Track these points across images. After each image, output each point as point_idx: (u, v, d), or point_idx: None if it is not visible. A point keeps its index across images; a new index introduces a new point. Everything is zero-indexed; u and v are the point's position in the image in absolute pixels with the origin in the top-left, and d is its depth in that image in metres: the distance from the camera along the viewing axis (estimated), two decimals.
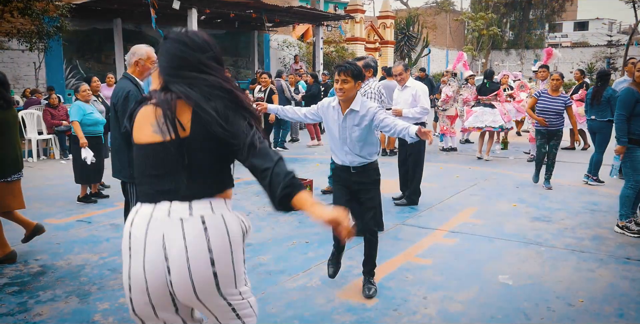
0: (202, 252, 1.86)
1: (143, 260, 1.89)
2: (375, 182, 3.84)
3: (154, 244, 1.87)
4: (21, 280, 4.08)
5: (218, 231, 1.89)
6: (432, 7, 38.25)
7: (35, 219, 5.75)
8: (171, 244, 1.85)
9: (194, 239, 1.85)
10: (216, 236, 1.89)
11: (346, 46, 21.74)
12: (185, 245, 1.84)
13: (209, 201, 1.92)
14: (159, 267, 1.87)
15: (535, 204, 6.43)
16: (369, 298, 3.70)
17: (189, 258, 1.84)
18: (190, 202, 1.88)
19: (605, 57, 34.55)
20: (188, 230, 1.85)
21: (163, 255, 1.86)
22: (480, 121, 9.53)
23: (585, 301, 3.68)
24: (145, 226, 1.89)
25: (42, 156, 10.25)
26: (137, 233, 1.91)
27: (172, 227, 1.86)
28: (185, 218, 1.86)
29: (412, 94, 6.39)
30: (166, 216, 1.87)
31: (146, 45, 4.07)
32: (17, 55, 13.21)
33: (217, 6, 14.14)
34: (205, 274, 1.87)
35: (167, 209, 1.88)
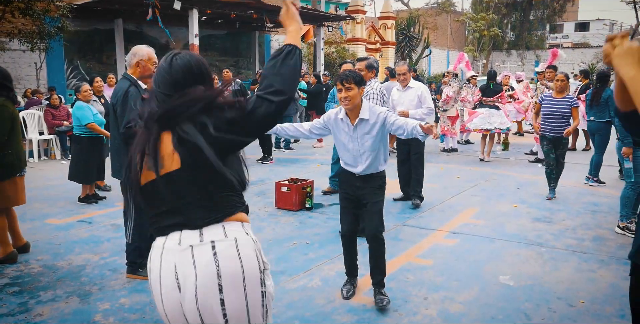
0: (211, 278, 1.75)
1: (160, 293, 1.82)
2: (380, 187, 3.75)
3: (167, 276, 1.80)
4: (22, 280, 4.08)
5: (228, 255, 1.78)
6: (433, 8, 38.24)
7: (36, 219, 5.77)
8: (183, 274, 1.77)
9: (204, 266, 1.76)
10: (225, 260, 1.77)
11: (347, 47, 21.74)
12: (195, 273, 1.76)
13: (222, 225, 1.82)
14: (174, 298, 1.79)
15: (536, 205, 6.42)
16: (381, 310, 3.55)
17: (197, 285, 1.75)
18: (200, 230, 1.81)
19: None
20: (198, 257, 1.77)
21: (176, 286, 1.78)
22: (489, 123, 9.50)
23: (586, 302, 3.68)
24: (159, 258, 1.83)
25: (43, 157, 10.25)
26: (152, 266, 1.86)
27: (183, 256, 1.78)
28: (195, 245, 1.78)
29: (418, 95, 6.39)
30: (177, 245, 1.80)
31: (147, 46, 4.08)
32: (18, 55, 13.22)
33: (218, 7, 14.14)
34: (211, 302, 1.75)
35: (177, 239, 1.81)
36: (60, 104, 10.34)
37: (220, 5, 14.15)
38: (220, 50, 18.49)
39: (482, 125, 9.54)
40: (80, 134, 6.51)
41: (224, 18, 16.19)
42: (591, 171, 7.59)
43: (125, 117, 3.77)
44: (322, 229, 5.46)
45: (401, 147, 6.63)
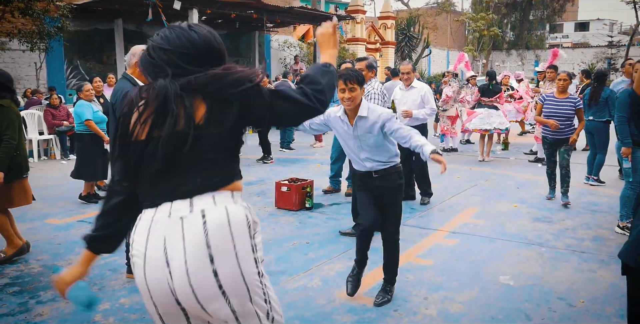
0: (200, 248, 1.66)
1: (143, 268, 1.72)
2: (399, 187, 3.69)
3: (155, 249, 1.70)
4: (22, 280, 4.08)
5: (218, 224, 1.69)
6: (433, 8, 38.24)
7: (36, 219, 5.77)
8: (172, 247, 1.68)
9: (193, 237, 1.67)
10: (215, 229, 1.68)
11: (347, 47, 21.74)
12: (184, 246, 1.67)
13: (212, 195, 1.73)
14: (160, 274, 1.69)
15: (536, 205, 6.42)
16: (376, 305, 3.59)
17: (187, 258, 1.66)
18: (191, 199, 1.71)
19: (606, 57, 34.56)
20: (187, 228, 1.68)
21: (165, 260, 1.68)
22: (488, 123, 9.48)
23: (586, 302, 3.68)
24: (146, 230, 1.72)
25: (43, 156, 10.26)
26: (137, 239, 1.75)
27: (172, 228, 1.69)
28: (185, 216, 1.69)
29: (421, 95, 6.40)
30: (167, 217, 1.70)
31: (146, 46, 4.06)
32: (18, 55, 13.23)
33: (218, 7, 14.14)
34: (204, 274, 1.66)
35: (167, 210, 1.71)
36: (60, 104, 10.35)
37: (220, 5, 14.15)
38: None
39: (481, 125, 9.52)
40: (82, 131, 6.52)
41: (223, 18, 16.19)
42: (590, 171, 7.58)
43: None
44: (322, 229, 5.46)
45: (403, 149, 6.60)
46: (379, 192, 3.65)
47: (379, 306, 3.59)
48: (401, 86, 6.63)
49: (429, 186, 6.60)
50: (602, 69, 7.84)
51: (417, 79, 6.79)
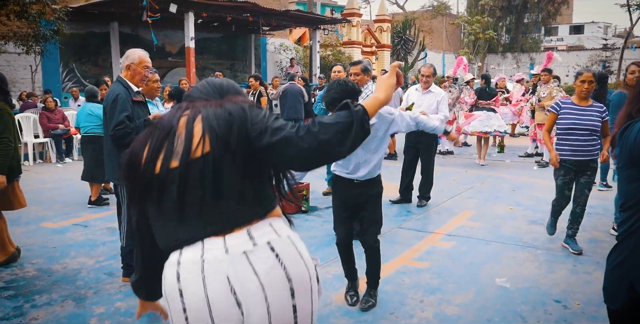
0: (282, 283, 1.52)
1: (211, 318, 1.49)
2: (379, 195, 3.68)
3: (220, 294, 1.48)
4: (17, 284, 4.06)
5: (291, 256, 1.57)
6: (429, 11, 38.33)
7: (31, 223, 5.75)
8: (242, 285, 1.49)
9: (270, 271, 1.51)
10: (291, 261, 1.56)
11: (343, 50, 21.77)
12: (261, 282, 1.49)
13: (268, 222, 1.59)
14: (234, 319, 1.50)
15: (531, 207, 6.44)
16: (362, 310, 3.57)
17: (267, 295, 1.50)
18: (247, 230, 1.54)
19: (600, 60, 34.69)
20: (258, 263, 1.50)
21: (235, 302, 1.49)
22: (488, 126, 9.49)
23: (581, 304, 3.69)
24: (199, 274, 1.48)
25: (38, 160, 10.23)
26: (191, 288, 1.49)
27: (237, 265, 1.49)
28: (250, 250, 1.51)
29: (437, 100, 6.41)
30: (223, 254, 1.50)
31: (141, 49, 4.08)
32: (14, 58, 13.20)
33: (214, 10, 14.14)
34: (284, 310, 1.53)
35: (222, 247, 1.51)
36: (56, 107, 10.33)
37: (216, 8, 14.16)
38: (216, 53, 18.49)
39: (481, 128, 9.52)
40: (95, 133, 6.48)
41: (219, 21, 16.20)
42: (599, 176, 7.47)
43: (115, 119, 3.79)
44: (318, 231, 5.45)
45: (409, 151, 6.63)
46: (360, 200, 3.58)
47: (365, 310, 3.57)
48: (418, 87, 6.62)
49: (429, 190, 6.61)
50: (602, 71, 7.74)
51: (412, 82, 6.82)
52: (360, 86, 5.21)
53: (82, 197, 7.02)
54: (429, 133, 6.41)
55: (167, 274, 1.56)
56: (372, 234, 3.63)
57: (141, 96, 4.12)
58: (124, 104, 3.84)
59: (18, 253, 4.63)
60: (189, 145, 1.54)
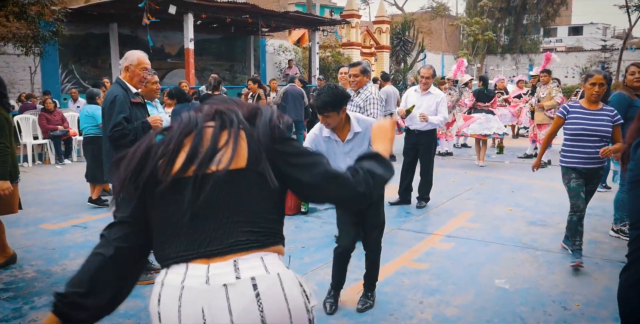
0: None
1: None
2: (381, 198, 3.63)
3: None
4: (16, 286, 4.06)
5: (273, 297, 1.40)
6: (428, 12, 38.35)
7: (30, 224, 5.75)
8: (213, 321, 1.35)
9: (243, 312, 1.35)
10: (271, 304, 1.38)
11: (342, 51, 21.79)
12: (232, 320, 1.34)
13: (260, 256, 1.44)
14: None
15: (531, 208, 6.44)
16: (359, 311, 3.58)
17: None
18: (235, 260, 1.40)
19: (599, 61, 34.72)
20: (235, 300, 1.36)
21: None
22: (487, 128, 9.50)
23: (581, 305, 3.69)
24: (176, 301, 1.37)
25: (38, 161, 10.22)
26: (166, 313, 1.39)
27: (213, 297, 1.36)
28: (230, 283, 1.37)
29: (437, 102, 6.42)
30: (204, 283, 1.37)
31: (140, 51, 4.09)
32: (13, 59, 13.20)
33: (213, 11, 14.16)
34: None
35: (204, 274, 1.38)
36: (55, 108, 10.33)
37: (216, 10, 14.17)
38: (215, 54, 18.50)
39: (480, 130, 9.52)
40: (97, 134, 6.49)
41: (219, 22, 16.21)
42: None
43: (112, 120, 3.81)
44: (317, 233, 5.45)
45: (408, 152, 6.63)
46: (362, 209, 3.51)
47: (362, 312, 3.58)
48: (417, 89, 6.63)
49: (428, 191, 6.62)
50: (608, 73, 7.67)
51: (411, 83, 6.84)
52: (360, 87, 5.23)
53: (82, 198, 7.01)
54: (429, 134, 6.47)
55: (152, 294, 1.46)
56: (377, 238, 3.64)
57: (140, 98, 4.13)
58: (121, 105, 3.85)
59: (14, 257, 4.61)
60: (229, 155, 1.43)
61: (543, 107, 9.31)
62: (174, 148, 1.46)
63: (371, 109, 5.11)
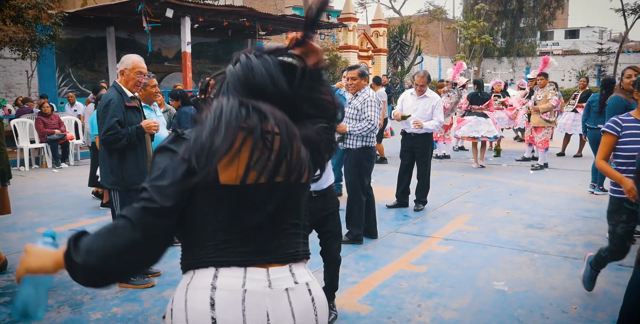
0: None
1: None
2: (337, 206, 3.62)
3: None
4: (13, 290, 4.04)
5: (322, 302, 1.50)
6: (425, 16, 38.49)
7: (27, 228, 5.73)
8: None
9: (305, 314, 1.44)
10: (321, 308, 1.49)
11: (339, 54, 21.83)
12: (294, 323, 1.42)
13: (303, 265, 1.52)
14: None
15: (528, 211, 6.44)
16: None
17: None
18: (290, 266, 1.46)
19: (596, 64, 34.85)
20: (296, 304, 1.43)
21: None
22: (476, 131, 9.53)
23: (578, 308, 3.69)
24: (241, 306, 1.36)
25: (34, 165, 10.20)
26: (227, 318, 1.36)
27: (277, 302, 1.40)
28: (291, 288, 1.43)
29: (432, 105, 6.45)
30: (267, 287, 1.39)
31: (136, 55, 4.11)
32: (10, 63, 13.19)
33: (210, 14, 14.17)
34: None
35: (265, 279, 1.40)
36: (52, 112, 10.31)
37: (213, 13, 14.18)
38: (212, 58, 18.51)
39: (469, 133, 9.58)
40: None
41: (216, 26, 16.21)
42: (595, 179, 7.46)
43: (105, 124, 3.83)
44: (312, 236, 5.43)
45: (405, 155, 6.63)
46: (321, 215, 3.49)
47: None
48: (413, 92, 6.64)
49: (425, 194, 6.62)
50: (610, 76, 7.63)
51: (408, 87, 6.86)
52: (358, 90, 5.24)
53: (79, 202, 7.00)
54: (425, 137, 6.47)
55: (194, 299, 1.38)
56: (335, 247, 3.61)
57: (136, 101, 4.13)
58: (115, 109, 3.87)
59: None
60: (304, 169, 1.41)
61: (539, 110, 9.34)
62: (272, 154, 1.36)
63: (368, 111, 5.12)
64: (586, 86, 10.94)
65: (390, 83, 20.34)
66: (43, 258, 1.43)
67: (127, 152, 3.95)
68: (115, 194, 4.00)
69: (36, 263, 1.42)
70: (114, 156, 3.95)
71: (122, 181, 3.94)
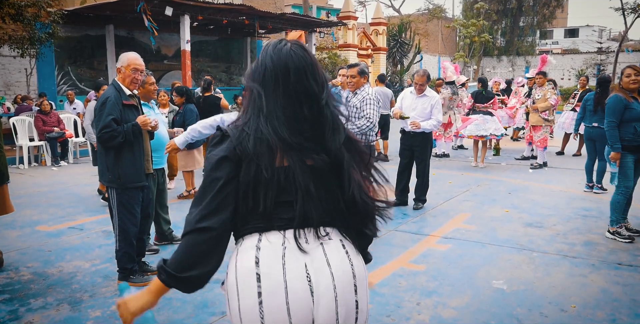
0: (348, 277, 1.62)
1: (286, 302, 1.54)
2: None
3: (296, 279, 1.56)
4: (12, 288, 4.05)
5: (355, 255, 1.68)
6: (424, 14, 38.47)
7: (26, 226, 5.73)
8: (316, 274, 1.58)
9: (340, 264, 1.62)
10: (355, 260, 1.67)
11: (339, 53, 21.81)
12: (331, 272, 1.59)
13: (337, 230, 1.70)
14: (306, 304, 1.56)
15: (527, 210, 6.45)
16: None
17: (336, 285, 1.59)
18: (324, 228, 1.66)
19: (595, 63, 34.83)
20: (331, 255, 1.62)
21: (309, 289, 1.56)
22: (484, 130, 9.51)
23: (577, 307, 3.69)
24: (280, 259, 1.57)
25: (34, 163, 10.19)
26: (270, 271, 1.55)
27: (314, 254, 1.60)
28: (326, 243, 1.63)
29: (431, 104, 6.45)
30: (304, 243, 1.60)
31: (133, 52, 4.11)
32: (9, 61, 13.16)
33: (209, 13, 14.15)
34: (348, 304, 1.61)
35: (302, 237, 1.61)
36: (51, 110, 10.30)
37: (212, 12, 14.16)
38: (211, 56, 18.48)
39: (477, 131, 9.53)
40: None
41: (215, 24, 16.19)
42: (590, 179, 7.47)
43: (101, 122, 3.84)
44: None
45: (404, 153, 6.64)
46: None
47: None
48: (412, 90, 6.64)
49: (425, 193, 6.63)
50: (605, 75, 7.66)
51: (408, 85, 6.86)
52: (357, 88, 5.25)
53: (78, 200, 7.01)
54: (424, 136, 6.48)
55: (242, 259, 1.60)
56: None
57: (135, 99, 4.13)
58: (111, 107, 3.88)
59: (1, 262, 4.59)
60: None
61: (537, 108, 9.34)
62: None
63: (367, 109, 5.12)
64: (586, 85, 10.95)
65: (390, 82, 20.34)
66: (140, 298, 1.61)
67: (123, 150, 3.95)
68: (112, 192, 4.01)
69: (137, 305, 1.60)
70: (110, 154, 3.95)
71: (118, 179, 3.94)
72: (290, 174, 1.60)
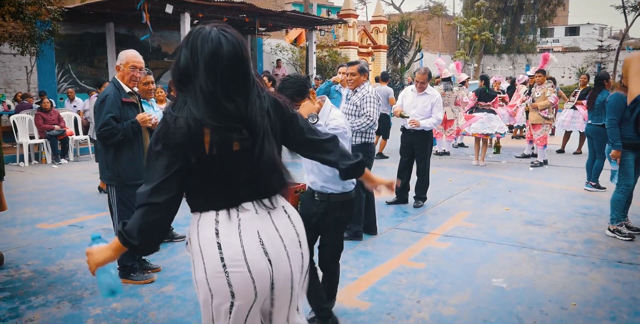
0: (293, 236, 1.97)
1: (248, 266, 1.83)
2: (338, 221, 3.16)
3: (252, 245, 1.85)
4: (12, 285, 4.05)
5: (296, 217, 2.03)
6: (425, 12, 38.37)
7: (27, 224, 5.74)
8: (268, 238, 1.89)
9: (285, 227, 1.95)
10: (296, 221, 2.01)
11: (339, 50, 21.78)
12: (280, 234, 1.92)
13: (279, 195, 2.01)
14: (263, 266, 1.86)
15: (527, 208, 6.45)
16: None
17: (286, 243, 1.93)
18: (271, 198, 1.95)
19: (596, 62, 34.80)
20: (277, 220, 1.94)
21: (263, 252, 1.86)
22: (489, 128, 9.49)
23: (577, 305, 3.70)
24: (236, 230, 1.85)
25: (34, 161, 10.20)
26: (229, 240, 1.83)
27: (263, 222, 1.90)
28: (272, 211, 1.94)
29: (432, 102, 6.45)
30: (254, 213, 1.90)
31: (132, 50, 4.11)
32: (9, 59, 13.15)
33: (210, 10, 14.13)
34: (297, 257, 1.97)
35: (252, 208, 1.90)
36: (51, 108, 10.30)
37: (212, 9, 14.14)
38: None
39: (482, 129, 9.50)
40: None
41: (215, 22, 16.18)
42: (590, 177, 7.49)
43: (100, 120, 3.84)
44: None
45: (405, 151, 6.63)
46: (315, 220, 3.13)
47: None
48: (413, 88, 6.64)
49: (425, 191, 6.63)
50: (603, 73, 7.68)
51: (409, 83, 6.86)
52: (357, 85, 5.24)
53: (78, 198, 7.01)
54: (424, 134, 6.48)
55: (203, 231, 1.86)
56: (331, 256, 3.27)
57: (135, 97, 4.13)
58: (111, 105, 3.88)
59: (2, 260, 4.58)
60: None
61: (537, 107, 9.34)
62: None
63: (367, 107, 5.12)
64: (587, 83, 10.94)
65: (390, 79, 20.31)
66: (104, 252, 1.85)
67: (122, 148, 3.95)
68: (112, 189, 4.01)
69: (101, 257, 1.84)
70: (110, 152, 3.95)
71: (118, 176, 3.95)
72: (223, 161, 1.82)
